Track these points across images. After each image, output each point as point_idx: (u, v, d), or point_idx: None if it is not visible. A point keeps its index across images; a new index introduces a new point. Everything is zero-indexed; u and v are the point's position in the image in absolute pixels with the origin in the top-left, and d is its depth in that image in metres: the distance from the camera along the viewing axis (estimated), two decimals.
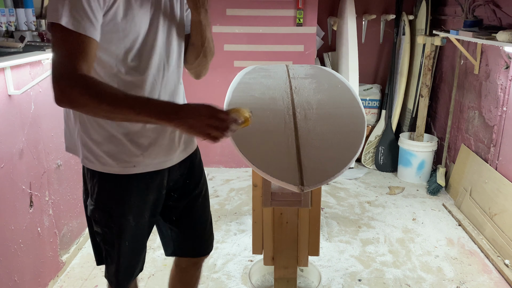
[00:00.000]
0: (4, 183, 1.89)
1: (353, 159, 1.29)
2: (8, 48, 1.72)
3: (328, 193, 3.52)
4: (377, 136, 4.05)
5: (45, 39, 2.00)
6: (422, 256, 2.64)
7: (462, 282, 2.39)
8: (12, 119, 1.94)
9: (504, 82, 2.81)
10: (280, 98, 1.73)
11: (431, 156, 3.71)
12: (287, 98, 1.73)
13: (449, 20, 3.68)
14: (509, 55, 2.74)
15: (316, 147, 1.32)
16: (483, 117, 3.09)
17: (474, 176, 3.08)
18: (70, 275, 2.39)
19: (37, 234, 2.16)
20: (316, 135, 1.39)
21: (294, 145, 1.32)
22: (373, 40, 4.25)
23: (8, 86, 1.90)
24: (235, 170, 3.98)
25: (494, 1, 2.88)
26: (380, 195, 3.51)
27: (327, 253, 2.66)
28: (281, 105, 1.66)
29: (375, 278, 2.42)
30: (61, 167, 2.40)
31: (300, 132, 1.41)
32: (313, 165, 1.21)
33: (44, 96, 2.21)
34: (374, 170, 4.06)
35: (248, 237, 2.78)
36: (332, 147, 1.33)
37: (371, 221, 3.07)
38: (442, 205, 3.31)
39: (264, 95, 1.79)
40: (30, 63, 2.07)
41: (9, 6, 1.90)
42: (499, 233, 2.62)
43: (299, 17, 3.69)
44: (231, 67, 3.75)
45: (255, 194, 1.78)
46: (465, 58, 3.33)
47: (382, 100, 4.17)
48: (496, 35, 2.44)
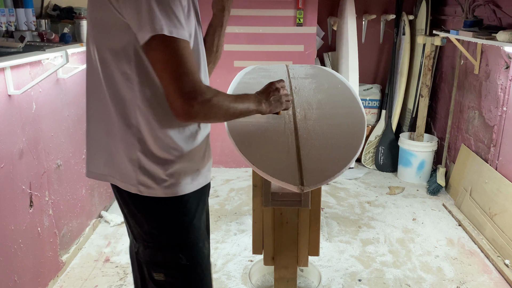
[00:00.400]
0: (4, 183, 1.88)
1: (353, 159, 1.28)
2: (8, 48, 1.72)
3: (328, 193, 3.52)
4: (377, 136, 4.05)
5: (45, 39, 2.00)
6: (422, 256, 2.64)
7: (462, 282, 2.39)
8: (12, 119, 1.94)
9: (504, 82, 2.81)
10: None
11: (431, 156, 3.71)
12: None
13: (449, 20, 3.68)
14: (509, 55, 2.74)
15: (316, 147, 1.32)
16: (483, 117, 3.09)
17: (474, 176, 3.08)
18: (70, 275, 2.39)
19: (37, 234, 2.15)
20: (316, 135, 1.39)
21: (294, 145, 1.32)
22: (373, 40, 4.25)
23: (8, 86, 1.90)
24: (235, 170, 3.98)
25: (494, 1, 2.88)
26: (380, 195, 3.51)
27: (327, 253, 2.66)
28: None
29: (375, 278, 2.42)
30: (61, 167, 2.40)
31: (300, 132, 1.41)
32: (313, 165, 1.21)
33: (44, 96, 2.20)
34: (374, 170, 4.05)
35: (248, 237, 2.78)
36: (332, 147, 1.33)
37: (371, 221, 3.06)
38: (442, 205, 3.31)
39: None
40: (30, 63, 2.07)
41: (9, 6, 1.90)
42: (499, 233, 2.62)
43: (299, 17, 3.69)
44: (231, 67, 3.75)
45: (255, 194, 1.78)
46: (465, 58, 3.33)
47: (382, 100, 4.17)
48: (496, 35, 2.44)
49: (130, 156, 1.12)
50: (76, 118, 2.53)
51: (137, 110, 1.09)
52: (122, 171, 1.13)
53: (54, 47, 1.94)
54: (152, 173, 1.11)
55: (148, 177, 1.11)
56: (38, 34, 2.01)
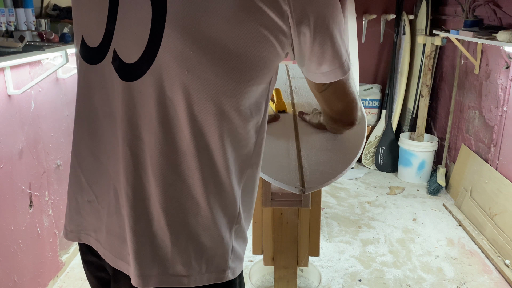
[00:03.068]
0: (4, 183, 1.88)
1: (354, 160, 1.28)
2: (8, 48, 1.71)
3: (328, 193, 3.52)
4: (377, 136, 4.05)
5: (45, 39, 1.99)
6: (422, 256, 2.64)
7: (462, 283, 2.39)
8: (12, 119, 1.94)
9: (505, 82, 2.80)
10: None
11: (431, 156, 3.70)
12: (287, 99, 1.73)
13: (450, 20, 3.68)
14: (509, 55, 2.73)
15: (316, 149, 1.31)
16: (483, 117, 3.09)
17: (474, 176, 3.07)
18: (69, 275, 2.39)
19: (37, 234, 2.15)
20: (316, 137, 1.39)
21: (295, 147, 1.32)
22: (373, 40, 4.24)
23: (8, 86, 1.90)
24: None
25: (494, 1, 2.88)
26: (380, 195, 3.51)
27: (327, 253, 2.66)
28: None
29: (375, 278, 2.42)
30: (60, 167, 2.40)
31: (300, 133, 1.41)
32: (314, 166, 1.20)
33: (44, 96, 2.20)
34: (374, 170, 4.05)
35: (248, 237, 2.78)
36: (333, 148, 1.33)
37: (371, 221, 3.06)
38: (443, 205, 3.31)
39: None
40: (30, 63, 2.07)
41: (8, 6, 1.89)
42: (500, 233, 2.62)
43: None
44: None
45: None
46: (465, 58, 3.33)
47: (382, 100, 4.17)
48: (496, 35, 2.44)
49: (229, 237, 0.82)
50: None
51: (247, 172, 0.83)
52: (209, 255, 0.80)
53: (54, 47, 1.93)
54: (240, 250, 0.87)
55: (237, 256, 0.86)
56: (38, 34, 2.00)
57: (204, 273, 0.79)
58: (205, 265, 0.79)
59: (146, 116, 0.73)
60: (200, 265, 0.78)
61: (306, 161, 1.23)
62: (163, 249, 0.77)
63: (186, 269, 0.78)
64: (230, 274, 0.83)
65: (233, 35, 0.68)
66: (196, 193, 0.75)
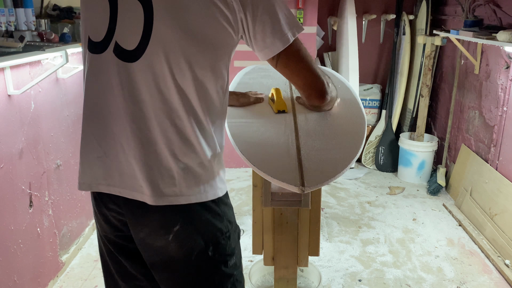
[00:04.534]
0: (4, 183, 1.88)
1: (354, 159, 1.28)
2: (8, 48, 1.71)
3: (328, 193, 3.52)
4: (377, 136, 4.05)
5: (45, 39, 1.99)
6: (423, 256, 2.64)
7: (462, 283, 2.39)
8: (12, 119, 1.94)
9: (505, 82, 2.80)
10: None
11: (431, 156, 3.70)
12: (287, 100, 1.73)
13: (450, 20, 3.68)
14: (509, 55, 2.73)
15: (316, 148, 1.31)
16: (483, 117, 3.09)
17: (474, 176, 3.07)
18: (69, 275, 2.39)
19: (37, 234, 2.15)
20: (316, 136, 1.39)
21: (295, 146, 1.32)
22: (373, 40, 4.24)
23: (8, 86, 1.90)
24: (235, 170, 3.98)
25: (494, 1, 2.88)
26: (381, 195, 3.51)
27: (327, 253, 2.66)
28: None
29: (375, 278, 2.42)
30: (60, 167, 2.40)
31: (300, 132, 1.41)
32: (314, 165, 1.21)
33: (44, 96, 2.20)
34: (374, 170, 4.05)
35: (248, 237, 2.78)
36: (333, 148, 1.33)
37: (371, 221, 3.06)
38: (443, 205, 3.31)
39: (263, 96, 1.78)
40: (30, 63, 2.07)
41: (8, 6, 1.89)
42: (500, 233, 2.62)
43: (299, 17, 3.69)
44: (231, 67, 3.73)
45: (255, 194, 1.78)
46: (465, 58, 3.33)
47: (382, 100, 4.17)
48: (496, 35, 2.44)
49: (215, 163, 1.09)
50: (76, 118, 2.53)
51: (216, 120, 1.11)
52: (210, 181, 1.08)
53: (54, 47, 1.93)
54: (223, 175, 1.15)
55: (221, 178, 1.14)
56: (37, 34, 2.00)
57: (203, 193, 1.07)
58: (203, 187, 1.06)
59: (145, 85, 1.00)
60: (198, 187, 1.05)
61: (306, 160, 1.23)
62: (170, 177, 1.03)
63: (191, 190, 1.04)
64: (220, 192, 1.11)
65: (202, 25, 0.98)
66: (189, 135, 1.03)
